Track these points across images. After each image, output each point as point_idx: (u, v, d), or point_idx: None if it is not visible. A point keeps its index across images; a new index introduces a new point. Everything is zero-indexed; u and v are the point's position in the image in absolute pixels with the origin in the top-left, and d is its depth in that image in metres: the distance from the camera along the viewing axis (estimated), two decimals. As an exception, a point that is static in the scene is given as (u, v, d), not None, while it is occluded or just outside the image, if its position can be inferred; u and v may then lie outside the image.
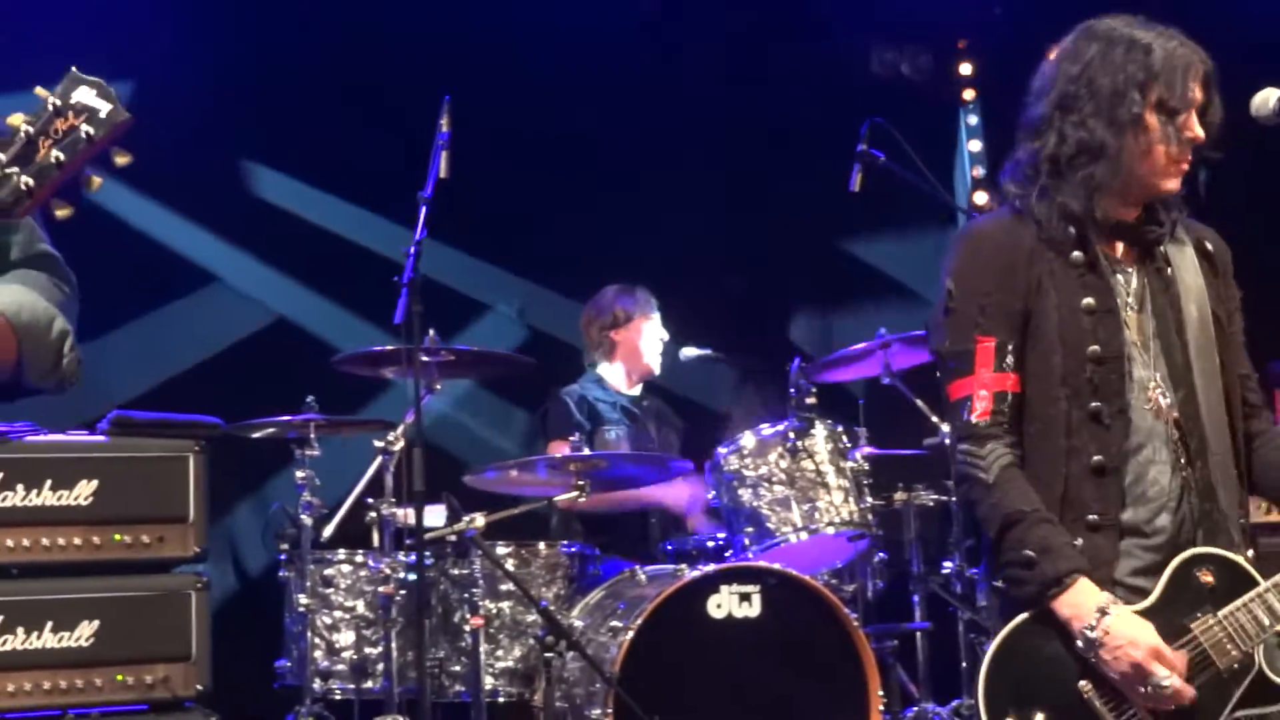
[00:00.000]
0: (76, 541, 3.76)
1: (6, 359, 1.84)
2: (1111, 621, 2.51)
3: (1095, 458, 2.64)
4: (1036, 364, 2.70)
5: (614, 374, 5.93)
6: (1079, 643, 2.54)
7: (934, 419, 5.23)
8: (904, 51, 7.72)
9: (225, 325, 6.62)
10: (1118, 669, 2.52)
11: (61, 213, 1.71)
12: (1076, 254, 2.72)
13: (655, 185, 7.24)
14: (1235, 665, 2.58)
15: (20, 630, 3.66)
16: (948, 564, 5.28)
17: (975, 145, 7.83)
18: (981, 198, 7.65)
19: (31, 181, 1.67)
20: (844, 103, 6.54)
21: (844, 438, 4.94)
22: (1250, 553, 2.69)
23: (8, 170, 1.66)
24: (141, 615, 3.79)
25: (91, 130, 1.67)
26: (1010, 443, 2.67)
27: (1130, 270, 2.77)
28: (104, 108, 1.68)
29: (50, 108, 1.67)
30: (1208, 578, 2.61)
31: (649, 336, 5.91)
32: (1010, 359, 2.70)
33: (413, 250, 4.60)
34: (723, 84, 7.30)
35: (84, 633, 3.72)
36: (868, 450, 5.08)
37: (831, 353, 5.36)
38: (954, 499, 5.18)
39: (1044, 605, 2.57)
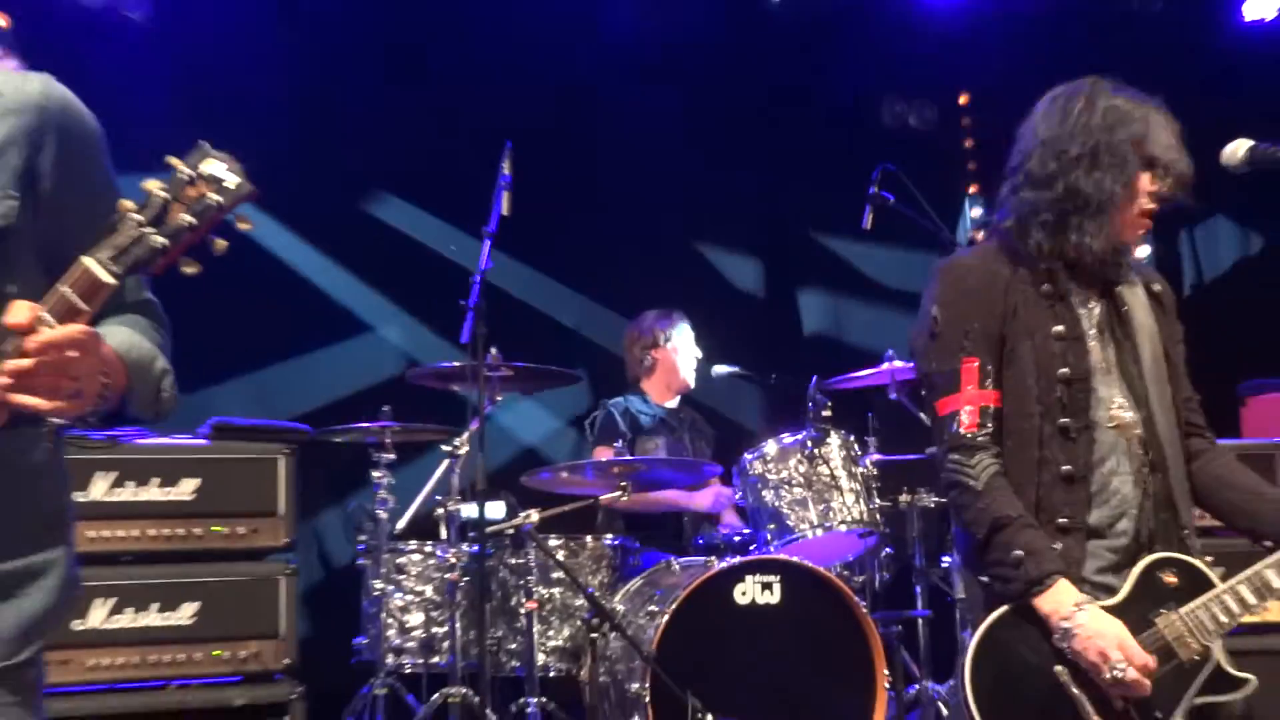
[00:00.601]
0: (180, 532, 3.81)
1: (116, 391, 1.84)
2: (1084, 617, 2.52)
3: (1065, 467, 2.66)
4: (1013, 383, 2.71)
5: (653, 388, 5.93)
6: (1056, 635, 2.54)
7: (931, 426, 5.22)
8: (912, 105, 7.71)
9: (318, 332, 6.64)
10: (1088, 658, 2.51)
11: (189, 269, 1.69)
12: (1046, 286, 2.73)
13: (695, 221, 7.27)
14: (1196, 657, 2.57)
15: (129, 610, 3.70)
16: (946, 559, 5.24)
17: (973, 188, 7.80)
18: (980, 235, 7.63)
19: (165, 241, 1.66)
20: (857, 151, 6.51)
21: (855, 446, 4.92)
22: (1209, 558, 2.67)
23: (144, 230, 1.66)
24: (236, 598, 3.83)
25: (219, 199, 1.66)
26: (995, 453, 2.69)
27: (1092, 304, 2.78)
28: (230, 179, 1.67)
29: (183, 176, 1.66)
30: (1171, 579, 2.62)
31: (684, 355, 5.91)
32: (991, 378, 2.71)
33: (477, 279, 4.62)
34: (756, 134, 7.29)
35: (185, 613, 3.75)
36: (876, 457, 5.06)
37: (845, 373, 5.33)
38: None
39: (1027, 601, 2.57)
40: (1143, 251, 2.90)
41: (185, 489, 3.82)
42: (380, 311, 6.74)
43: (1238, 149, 2.71)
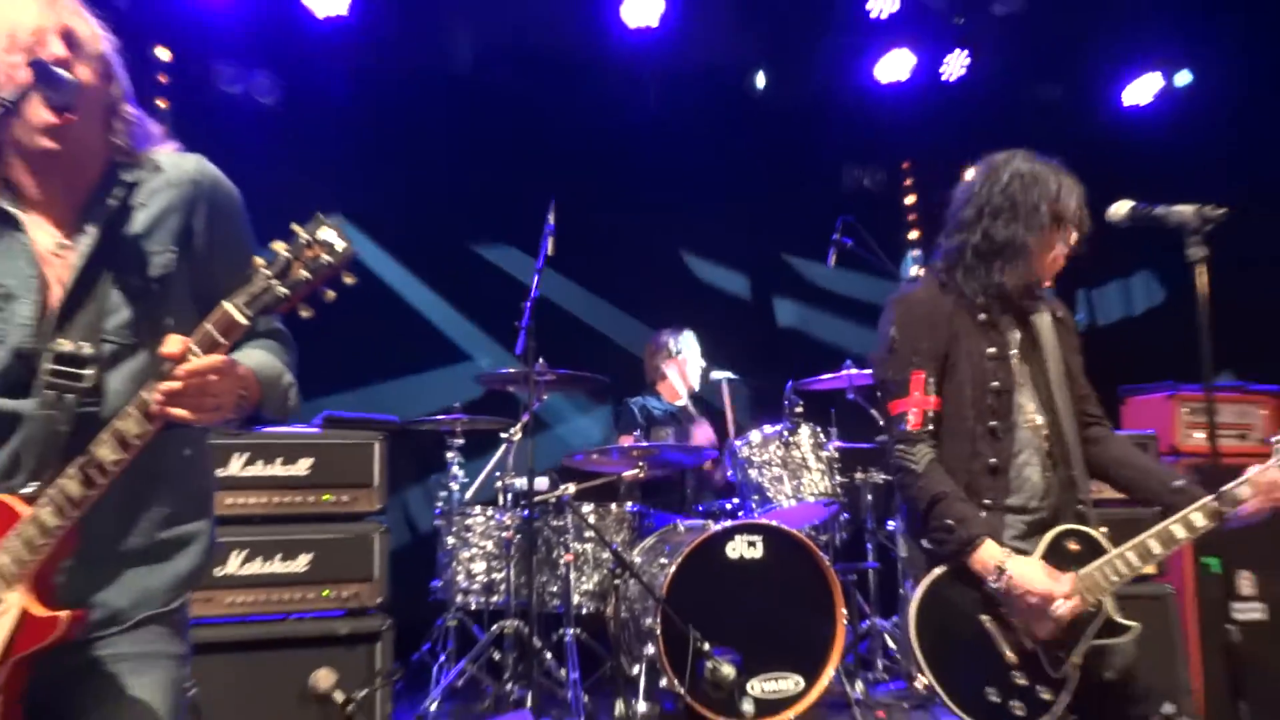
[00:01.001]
0: (298, 499, 3.83)
1: (252, 402, 1.86)
2: (1012, 567, 2.53)
3: (991, 460, 2.66)
4: (952, 392, 2.71)
5: (666, 389, 5.93)
6: (988, 585, 2.55)
7: (882, 422, 5.22)
8: (865, 169, 7.71)
9: (407, 342, 6.66)
10: (1021, 601, 2.52)
11: (305, 313, 1.73)
12: (982, 316, 2.73)
13: (703, 254, 7.29)
14: (1091, 608, 2.57)
15: (258, 560, 3.72)
16: (891, 523, 5.26)
17: (913, 234, 7.81)
18: (919, 272, 7.63)
19: (287, 292, 1.69)
20: (825, 205, 6.52)
21: (821, 435, 4.92)
22: (1104, 529, 2.66)
23: (272, 282, 1.69)
24: (341, 550, 3.84)
25: (330, 259, 1.68)
26: (933, 445, 2.68)
27: (1014, 330, 2.78)
28: (339, 244, 1.69)
29: (302, 240, 1.69)
30: (1074, 546, 2.62)
31: (691, 365, 5.92)
32: (933, 388, 2.70)
33: (528, 305, 4.65)
34: (744, 188, 7.30)
35: (301, 562, 3.77)
36: (837, 443, 5.06)
37: (812, 374, 5.33)
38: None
39: (960, 560, 2.57)
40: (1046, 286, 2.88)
41: (302, 466, 3.84)
42: (476, 341, 6.79)
43: (1121, 207, 2.70)
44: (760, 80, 6.93)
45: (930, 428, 2.68)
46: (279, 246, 1.69)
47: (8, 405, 1.82)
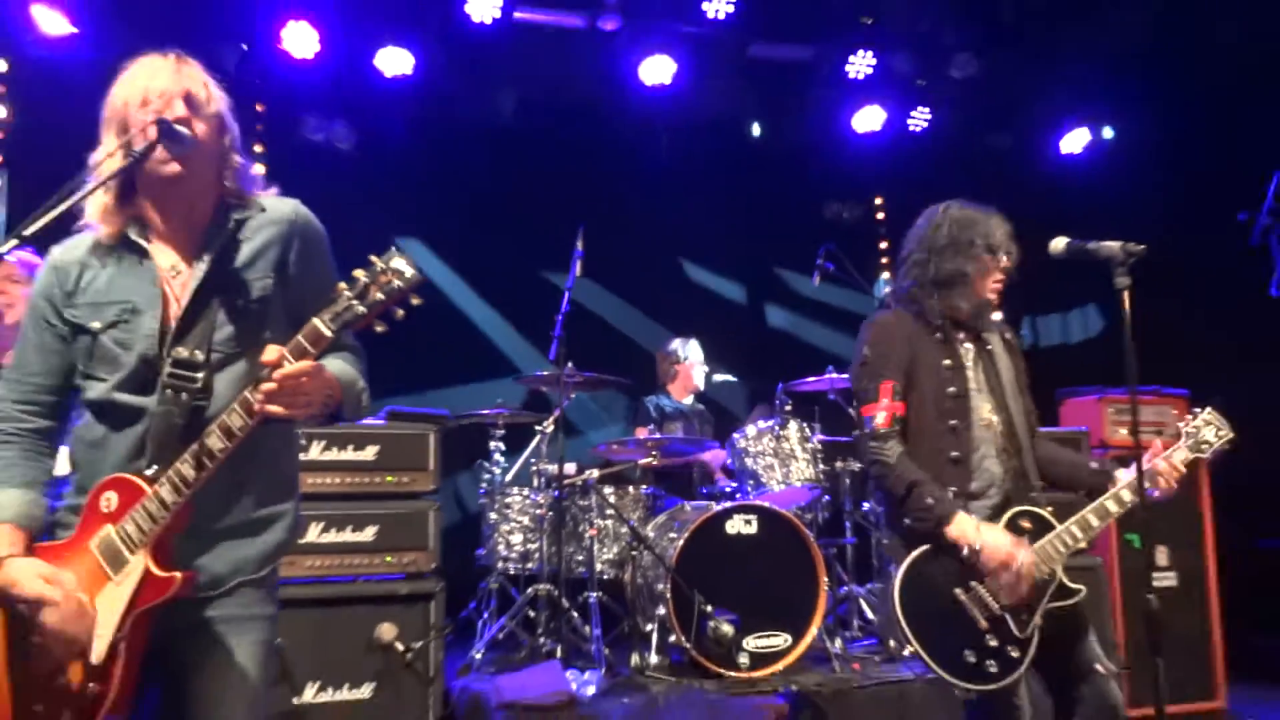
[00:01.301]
0: (366, 480, 3.82)
1: (335, 402, 1.89)
2: (985, 534, 2.54)
3: (953, 453, 2.65)
4: (915, 398, 2.71)
5: (675, 390, 5.91)
6: (965, 551, 2.54)
7: (856, 425, 5.19)
8: (845, 204, 7.69)
9: (459, 348, 6.63)
10: (993, 559, 2.52)
11: (379, 328, 1.77)
12: (938, 335, 2.73)
13: (707, 270, 7.26)
14: (1046, 576, 2.57)
15: (333, 530, 3.71)
16: (865, 504, 5.22)
17: (885, 259, 7.79)
18: (889, 291, 7.61)
19: (365, 310, 1.73)
20: (809, 235, 6.50)
21: (807, 429, 4.89)
22: (1050, 509, 2.66)
23: (352, 302, 1.73)
24: (402, 523, 3.83)
25: (401, 284, 1.72)
26: (900, 440, 2.67)
27: (969, 346, 2.79)
28: (409, 271, 1.72)
29: (378, 267, 1.73)
30: (1027, 524, 2.62)
31: (697, 368, 5.89)
32: (900, 395, 2.70)
33: (560, 318, 4.63)
34: (741, 219, 7.29)
35: (369, 533, 3.76)
36: (821, 437, 5.02)
37: (802, 379, 5.31)
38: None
39: (938, 533, 2.56)
40: (997, 315, 2.87)
41: (369, 452, 3.83)
42: (515, 346, 6.77)
43: (1059, 243, 2.68)
44: (756, 129, 6.92)
45: (897, 428, 2.68)
46: (359, 273, 1.73)
47: (136, 401, 1.88)
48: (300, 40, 5.54)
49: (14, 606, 1.82)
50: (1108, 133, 7.07)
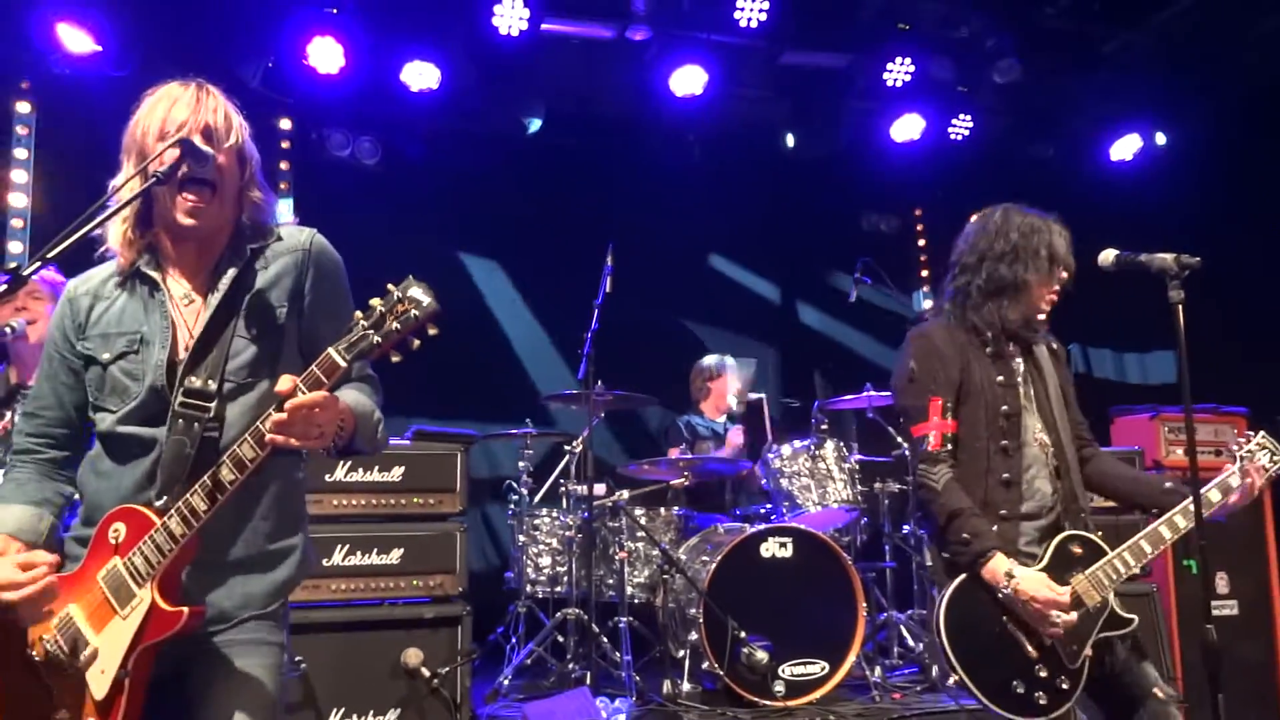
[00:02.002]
0: (391, 501, 3.83)
1: (348, 433, 1.90)
2: (1020, 581, 2.49)
3: (1004, 475, 2.61)
4: (967, 416, 2.66)
5: (707, 409, 5.90)
6: (999, 594, 2.51)
7: (899, 439, 5.15)
8: (882, 216, 7.66)
9: (486, 366, 6.66)
10: (1026, 608, 2.48)
11: (395, 358, 1.78)
12: (990, 348, 2.68)
13: (741, 286, 7.21)
14: (1098, 604, 2.53)
15: (358, 553, 3.73)
16: (906, 527, 5.16)
17: (924, 273, 7.73)
18: (928, 305, 7.57)
19: (380, 340, 1.73)
20: (845, 248, 6.48)
21: (844, 448, 4.86)
22: (1099, 533, 2.62)
23: (368, 332, 1.74)
24: (428, 545, 3.84)
25: (417, 314, 1.72)
26: (951, 464, 2.63)
27: (1019, 361, 2.74)
28: (426, 300, 1.73)
29: (395, 296, 1.74)
30: (1077, 549, 2.58)
31: (728, 386, 5.87)
32: (950, 412, 2.66)
33: (589, 336, 4.65)
34: (774, 233, 7.28)
35: (394, 555, 3.77)
36: (858, 456, 5.00)
37: (839, 397, 5.28)
38: (911, 488, 5.10)
39: (974, 570, 2.54)
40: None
41: (395, 473, 3.85)
42: (542, 361, 6.80)
43: (1108, 255, 2.64)
44: (790, 140, 6.90)
45: (949, 448, 2.64)
46: (375, 302, 1.74)
47: (145, 432, 1.91)
48: (326, 55, 5.62)
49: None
50: (1161, 139, 6.98)
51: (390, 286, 1.74)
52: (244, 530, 1.94)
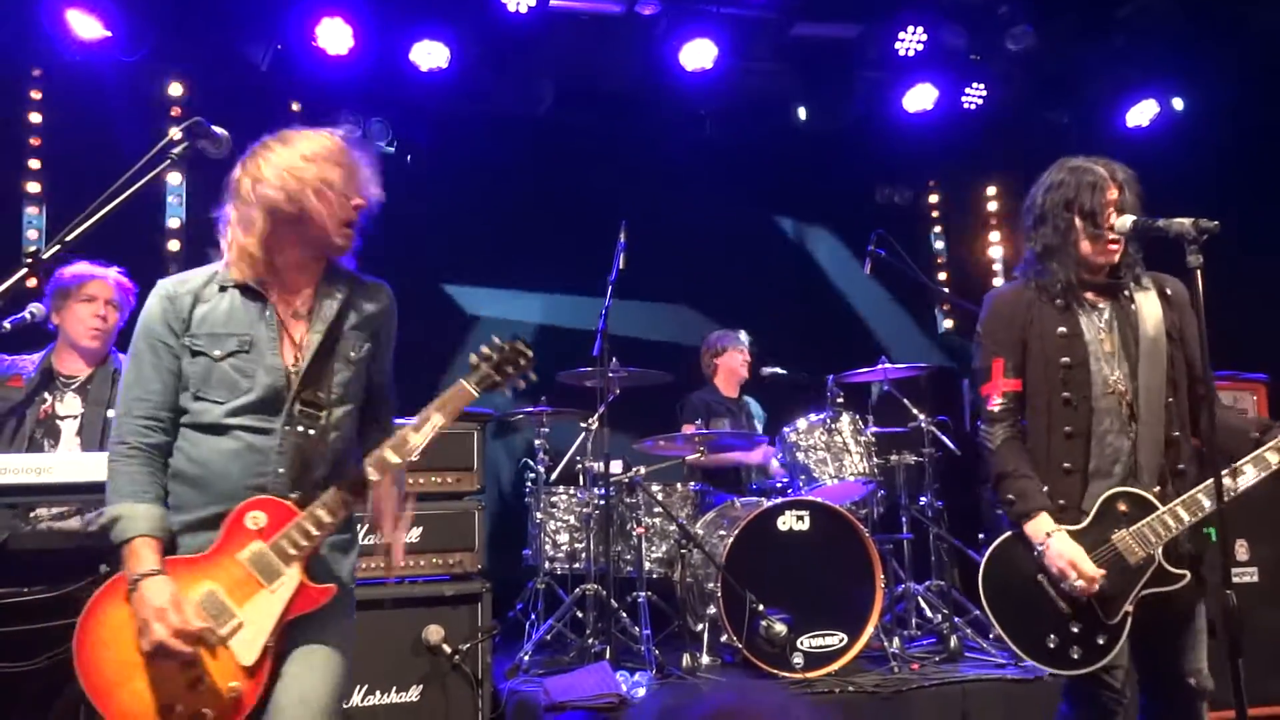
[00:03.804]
0: (410, 481, 3.83)
1: None
2: (1052, 542, 2.50)
3: (1067, 428, 2.59)
4: (1032, 372, 2.65)
5: (720, 383, 5.89)
6: (1035, 552, 2.53)
7: (914, 410, 5.13)
8: (896, 188, 7.59)
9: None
10: (1052, 570, 2.50)
11: (507, 392, 2.35)
12: (1059, 301, 2.66)
13: (756, 260, 7.17)
14: (1141, 561, 2.51)
15: (379, 531, 3.76)
16: (922, 499, 5.16)
17: (939, 244, 7.67)
18: (941, 275, 7.53)
19: (499, 379, 2.26)
20: (860, 220, 6.43)
21: (860, 421, 4.86)
22: (1157, 489, 2.56)
23: (490, 371, 2.25)
24: (447, 524, 3.87)
25: (524, 362, 2.28)
26: (1011, 423, 2.64)
27: (1103, 307, 2.68)
28: (530, 353, 2.28)
29: (507, 347, 2.27)
30: (1123, 507, 2.55)
31: (739, 360, 5.86)
32: (1012, 370, 2.65)
33: (603, 313, 4.64)
34: (787, 206, 7.24)
35: (415, 534, 3.80)
36: (874, 429, 4.99)
37: (854, 370, 5.26)
38: (926, 460, 5.08)
39: (1019, 528, 2.56)
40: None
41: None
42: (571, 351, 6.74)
43: (1125, 221, 2.61)
44: (802, 113, 6.85)
45: (1011, 406, 2.65)
46: (487, 350, 2.25)
47: (259, 426, 2.15)
48: (335, 37, 5.60)
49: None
50: (1178, 104, 6.87)
51: (495, 339, 2.25)
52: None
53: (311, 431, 2.14)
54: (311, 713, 2.07)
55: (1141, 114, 6.89)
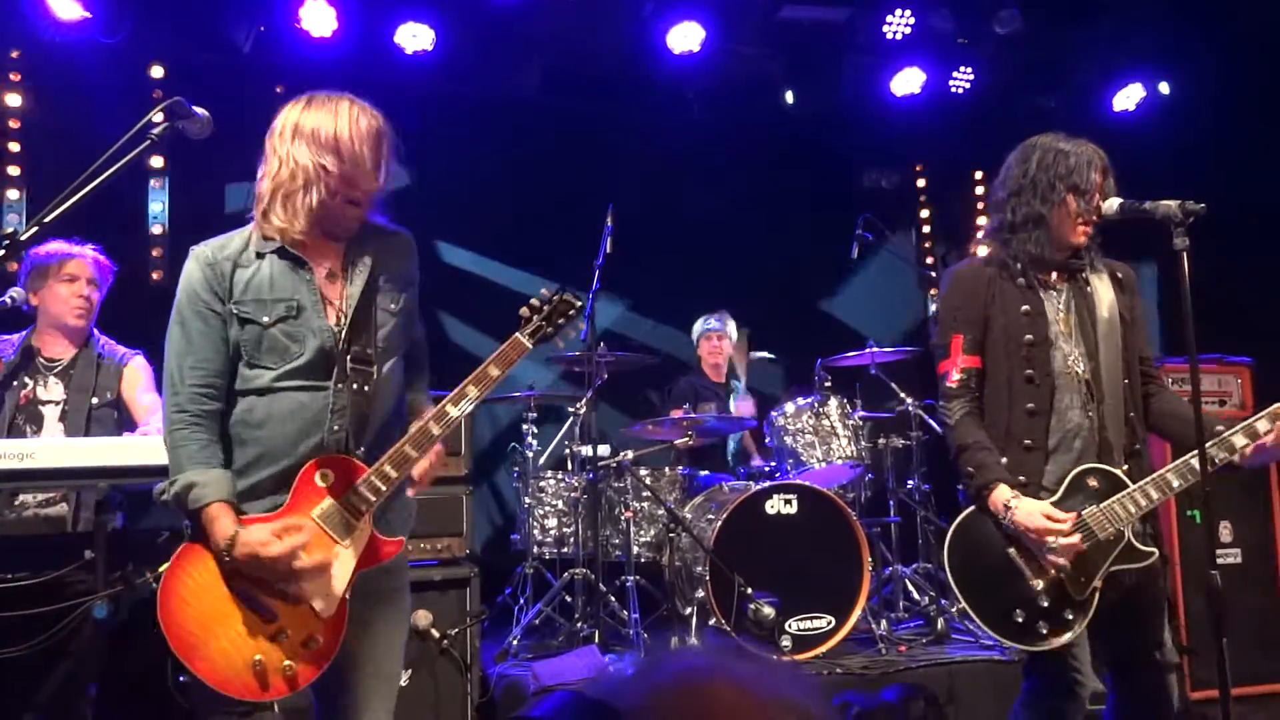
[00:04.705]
0: (398, 467, 3.85)
1: None
2: (1019, 507, 2.50)
3: (1028, 405, 2.60)
4: (992, 349, 2.66)
5: (709, 368, 5.90)
6: (1002, 521, 2.53)
7: (901, 394, 5.15)
8: (883, 172, 7.59)
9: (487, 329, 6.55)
10: (1026, 529, 2.50)
11: (560, 343, 2.42)
12: (1020, 280, 2.67)
13: (742, 244, 7.14)
14: (1111, 537, 2.52)
15: (366, 517, 3.76)
16: (910, 482, 5.18)
17: (926, 228, 7.67)
18: (929, 259, 7.53)
19: (551, 330, 2.34)
20: (846, 204, 6.43)
21: (847, 405, 4.87)
22: (1125, 467, 2.58)
23: (541, 323, 2.33)
24: (435, 509, 3.86)
25: (573, 312, 2.37)
26: (969, 399, 2.65)
27: (1061, 288, 2.70)
28: (579, 302, 2.37)
29: (555, 297, 2.36)
30: (1094, 482, 2.56)
31: (725, 344, 5.86)
32: (971, 346, 2.66)
33: (590, 297, 4.63)
34: (774, 190, 7.22)
35: (402, 519, 3.80)
36: (862, 413, 5.00)
37: (842, 354, 5.27)
38: (914, 443, 5.10)
39: (980, 500, 2.56)
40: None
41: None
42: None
43: (1112, 203, 2.64)
44: (789, 96, 6.82)
45: (969, 383, 2.65)
46: (536, 301, 2.33)
47: (312, 386, 2.17)
48: (318, 18, 5.55)
49: (254, 566, 2.06)
50: (1164, 88, 6.90)
51: (544, 290, 2.33)
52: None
53: (366, 387, 2.16)
54: (390, 686, 2.23)
55: (1128, 98, 6.90)
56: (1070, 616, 2.51)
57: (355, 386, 2.16)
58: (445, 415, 2.18)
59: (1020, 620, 2.51)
